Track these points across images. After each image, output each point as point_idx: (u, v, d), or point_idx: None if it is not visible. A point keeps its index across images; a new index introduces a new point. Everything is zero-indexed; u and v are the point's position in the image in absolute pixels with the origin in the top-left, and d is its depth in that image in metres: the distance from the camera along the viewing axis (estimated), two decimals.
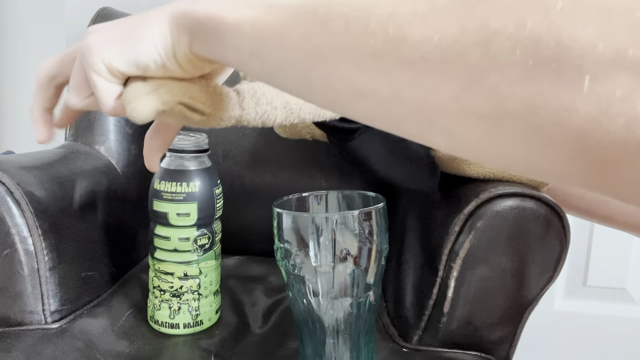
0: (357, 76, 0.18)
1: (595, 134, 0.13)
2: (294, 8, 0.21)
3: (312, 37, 0.20)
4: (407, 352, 0.54)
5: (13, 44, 1.10)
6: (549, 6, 0.13)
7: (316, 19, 0.20)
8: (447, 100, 0.16)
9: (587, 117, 0.13)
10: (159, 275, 0.56)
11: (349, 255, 0.40)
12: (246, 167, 0.81)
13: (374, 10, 0.17)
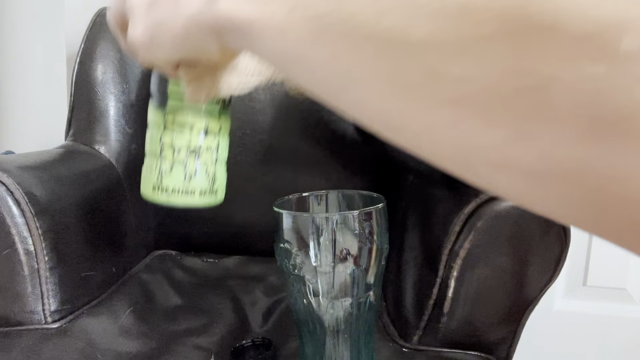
0: (388, 108, 0.17)
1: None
2: (320, 17, 0.18)
3: (342, 59, 0.18)
4: (407, 352, 0.54)
5: (13, 44, 1.10)
6: (613, 51, 0.11)
7: (346, 38, 0.17)
8: (488, 149, 0.14)
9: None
10: (174, 128, 0.45)
11: (349, 255, 0.40)
12: (246, 167, 0.81)
13: (410, 35, 0.15)
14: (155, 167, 0.46)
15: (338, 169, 0.81)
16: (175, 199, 0.46)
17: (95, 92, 0.77)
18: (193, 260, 0.81)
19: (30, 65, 1.09)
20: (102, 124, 0.77)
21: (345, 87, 0.18)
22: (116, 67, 0.79)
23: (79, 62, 0.78)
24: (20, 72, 1.11)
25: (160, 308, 0.64)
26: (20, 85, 1.11)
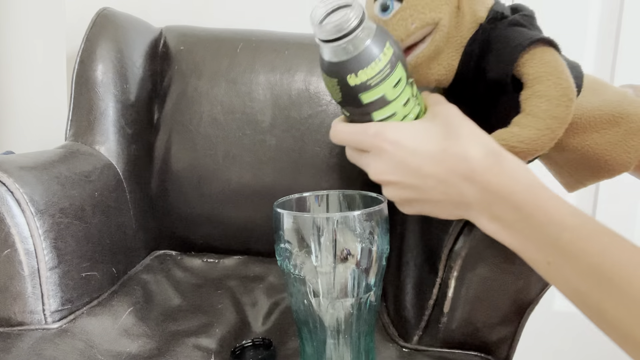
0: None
1: None
2: (583, 262, 0.30)
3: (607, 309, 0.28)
4: (407, 352, 0.54)
5: (13, 44, 1.09)
6: None
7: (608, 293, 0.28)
8: None
9: None
10: None
11: (349, 256, 0.40)
12: (246, 167, 0.81)
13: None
14: None
15: (338, 170, 0.81)
16: None
17: (96, 92, 0.77)
18: (193, 260, 0.81)
19: (30, 65, 1.09)
20: (102, 124, 0.77)
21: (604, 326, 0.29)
22: (116, 67, 0.79)
23: (79, 62, 0.78)
24: (20, 72, 1.10)
25: (160, 308, 0.64)
26: (20, 85, 1.11)
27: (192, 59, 0.85)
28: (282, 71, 0.83)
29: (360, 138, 0.39)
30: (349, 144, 0.41)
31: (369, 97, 0.39)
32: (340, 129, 0.41)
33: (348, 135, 0.40)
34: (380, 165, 0.38)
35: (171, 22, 0.94)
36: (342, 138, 0.41)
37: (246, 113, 0.82)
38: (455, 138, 0.36)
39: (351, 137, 0.40)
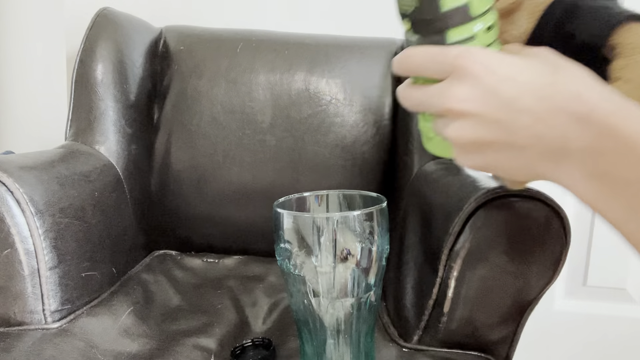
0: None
1: None
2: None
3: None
4: (407, 352, 0.54)
5: (13, 44, 1.09)
6: None
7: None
8: None
9: None
10: None
11: (349, 256, 0.40)
12: (246, 167, 0.81)
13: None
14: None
15: (338, 170, 0.81)
16: None
17: (95, 92, 0.77)
18: (193, 260, 0.81)
19: (30, 65, 1.09)
20: (102, 124, 0.77)
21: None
22: (116, 67, 0.79)
23: (79, 62, 0.78)
24: (20, 72, 1.10)
25: (160, 308, 0.64)
26: (20, 85, 1.11)
27: (192, 59, 0.85)
28: (282, 71, 0.83)
29: (440, 59, 0.30)
30: (423, 69, 0.32)
31: (449, 3, 0.32)
32: (412, 52, 0.32)
33: (423, 57, 0.32)
34: (462, 90, 0.29)
35: (171, 22, 0.94)
36: (414, 62, 0.32)
37: (246, 113, 0.82)
38: (565, 74, 0.28)
39: (427, 59, 0.31)
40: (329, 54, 0.84)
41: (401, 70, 0.34)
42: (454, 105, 0.29)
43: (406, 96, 0.34)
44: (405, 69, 0.33)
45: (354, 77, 0.83)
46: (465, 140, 0.30)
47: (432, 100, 0.31)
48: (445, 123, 0.31)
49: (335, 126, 0.81)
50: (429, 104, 0.32)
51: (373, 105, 0.82)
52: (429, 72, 0.32)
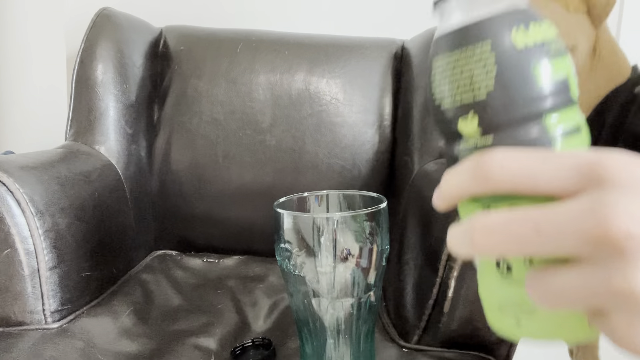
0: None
1: None
2: None
3: None
4: (407, 352, 0.54)
5: (13, 44, 1.09)
6: None
7: None
8: None
9: None
10: None
11: (349, 256, 0.40)
12: (246, 167, 0.81)
13: None
14: None
15: (338, 170, 0.81)
16: None
17: (96, 92, 0.77)
18: (193, 260, 0.81)
19: (30, 65, 1.09)
20: (102, 124, 0.77)
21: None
22: (116, 67, 0.79)
23: (79, 62, 0.78)
24: (20, 72, 1.10)
25: (160, 308, 0.64)
26: (20, 85, 1.11)
27: (192, 59, 0.85)
28: (282, 71, 0.83)
29: (563, 163, 0.18)
30: (528, 182, 0.18)
31: (549, 73, 0.21)
32: (506, 156, 0.19)
33: (526, 163, 0.18)
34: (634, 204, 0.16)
35: (171, 22, 0.94)
36: (509, 173, 0.18)
37: (246, 113, 0.82)
38: None
39: (537, 166, 0.18)
40: (329, 54, 0.84)
41: (479, 187, 0.19)
42: (633, 229, 0.15)
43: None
44: (488, 186, 0.19)
45: (354, 77, 0.83)
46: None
47: (569, 228, 0.16)
48: (615, 267, 0.16)
49: (335, 126, 0.81)
50: (561, 238, 0.17)
51: (373, 105, 0.82)
52: (542, 186, 0.18)
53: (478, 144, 0.22)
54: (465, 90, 0.21)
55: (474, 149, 0.22)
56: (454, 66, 0.22)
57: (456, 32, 0.22)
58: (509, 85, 0.20)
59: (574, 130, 0.21)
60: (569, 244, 0.16)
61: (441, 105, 0.22)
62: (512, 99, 0.20)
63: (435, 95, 0.23)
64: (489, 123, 0.21)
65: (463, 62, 0.21)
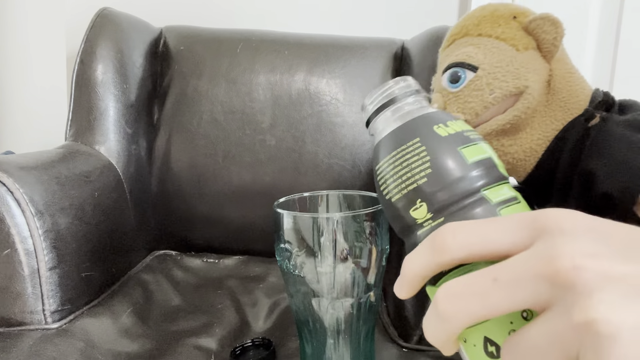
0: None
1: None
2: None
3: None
4: (407, 352, 0.54)
5: (13, 44, 1.09)
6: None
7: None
8: None
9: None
10: None
11: (349, 256, 0.40)
12: (246, 167, 0.81)
13: None
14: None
15: (338, 170, 0.81)
16: None
17: (96, 92, 0.77)
18: (193, 260, 0.81)
19: (30, 65, 1.09)
20: (102, 124, 0.77)
21: None
22: (116, 67, 0.79)
23: (79, 62, 0.78)
24: (20, 72, 1.10)
25: (160, 308, 0.64)
26: (20, 85, 1.11)
27: (192, 59, 0.85)
28: (282, 71, 0.83)
29: (508, 225, 0.20)
30: (482, 247, 0.20)
31: (474, 153, 0.24)
32: (458, 226, 0.20)
33: (477, 232, 0.20)
34: (575, 245, 0.17)
35: (171, 22, 0.94)
36: (469, 238, 0.20)
37: (246, 113, 0.82)
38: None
39: (494, 231, 0.20)
40: (329, 54, 0.84)
41: (438, 259, 0.20)
42: (578, 261, 0.17)
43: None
44: (445, 256, 0.20)
45: (354, 77, 0.83)
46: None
47: (524, 274, 0.18)
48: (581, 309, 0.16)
49: (335, 126, 0.81)
50: (517, 291, 0.18)
51: None
52: (494, 245, 0.19)
53: (433, 227, 0.24)
54: (408, 181, 0.24)
55: (429, 232, 0.23)
56: (395, 165, 0.25)
57: (390, 137, 0.26)
58: (443, 167, 0.24)
59: (513, 200, 0.24)
60: (528, 290, 0.17)
61: (392, 201, 0.25)
62: (450, 179, 0.24)
63: (386, 195, 0.26)
64: (436, 205, 0.24)
65: (402, 159, 0.25)
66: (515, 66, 0.39)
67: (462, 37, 0.43)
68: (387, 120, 0.28)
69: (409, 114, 0.27)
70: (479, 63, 0.39)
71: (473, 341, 0.21)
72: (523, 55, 0.40)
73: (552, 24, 0.40)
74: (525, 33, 0.41)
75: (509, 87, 0.38)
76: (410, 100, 0.28)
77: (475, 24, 0.43)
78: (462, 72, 0.39)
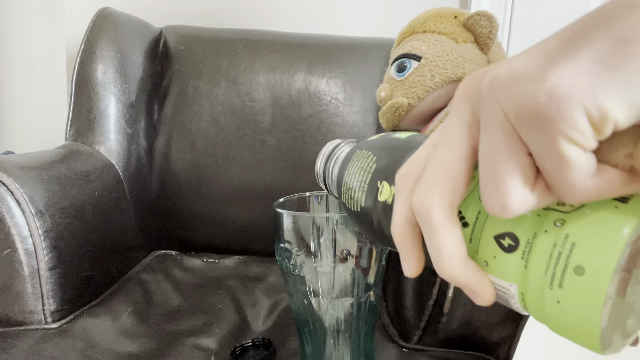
0: None
1: None
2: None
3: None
4: (407, 352, 0.54)
5: (13, 44, 1.09)
6: None
7: None
8: None
9: None
10: None
11: (349, 256, 0.40)
12: (246, 167, 0.81)
13: None
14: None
15: None
16: None
17: (96, 92, 0.77)
18: (193, 260, 0.81)
19: (30, 65, 1.09)
20: (102, 124, 0.77)
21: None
22: (116, 67, 0.79)
23: (79, 62, 0.78)
24: (20, 72, 1.11)
25: (160, 308, 0.64)
26: (20, 85, 1.11)
27: (192, 59, 0.85)
28: (282, 71, 0.83)
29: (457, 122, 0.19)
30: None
31: (399, 134, 0.29)
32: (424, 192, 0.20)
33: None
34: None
35: (171, 22, 0.94)
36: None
37: (246, 113, 0.82)
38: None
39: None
40: (329, 54, 0.84)
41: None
42: (491, 74, 0.17)
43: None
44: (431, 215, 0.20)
45: (354, 77, 0.83)
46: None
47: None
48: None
49: (335, 126, 0.81)
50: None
51: (373, 105, 0.82)
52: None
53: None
54: (365, 173, 0.28)
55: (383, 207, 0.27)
56: (351, 174, 0.29)
57: (349, 154, 0.31)
58: (383, 147, 0.28)
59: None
60: (458, 126, 0.19)
61: (363, 205, 0.28)
62: (390, 148, 0.27)
63: (356, 203, 0.29)
64: (393, 175, 0.26)
65: (354, 166, 0.29)
66: (455, 56, 0.44)
67: (409, 35, 0.50)
68: (337, 160, 0.34)
69: (349, 146, 0.33)
70: (423, 53, 0.45)
71: (486, 254, 0.20)
72: (462, 48, 0.45)
73: (487, 19, 0.45)
74: (465, 29, 0.47)
75: (448, 74, 0.43)
76: (343, 147, 0.34)
77: (421, 23, 0.50)
78: (407, 62, 0.45)
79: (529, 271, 0.18)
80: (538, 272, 0.18)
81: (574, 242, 0.17)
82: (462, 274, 0.20)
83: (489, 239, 0.20)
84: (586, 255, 0.17)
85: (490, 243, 0.20)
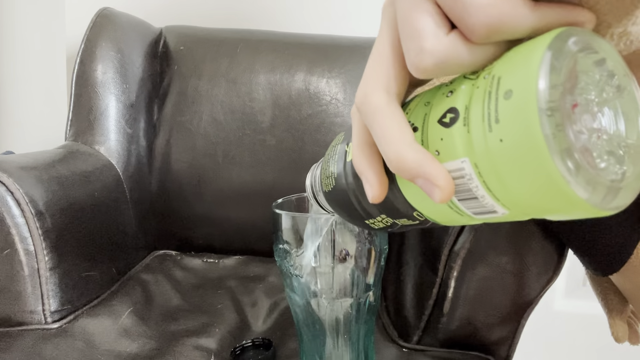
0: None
1: None
2: None
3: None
4: (407, 352, 0.54)
5: (13, 44, 1.10)
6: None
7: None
8: None
9: None
10: None
11: (348, 256, 0.40)
12: (246, 167, 0.81)
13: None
14: None
15: None
16: None
17: (96, 92, 0.77)
18: (193, 260, 0.81)
19: (31, 65, 1.09)
20: (102, 124, 0.77)
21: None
22: (116, 67, 0.79)
23: (79, 62, 0.78)
24: (20, 72, 1.11)
25: (160, 308, 0.64)
26: (20, 85, 1.11)
27: (192, 59, 0.85)
28: (282, 71, 0.83)
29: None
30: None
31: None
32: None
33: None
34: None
35: (171, 22, 0.94)
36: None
37: (246, 113, 0.82)
38: None
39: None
40: (329, 54, 0.84)
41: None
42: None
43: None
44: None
45: (354, 77, 0.83)
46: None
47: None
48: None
49: (335, 126, 0.81)
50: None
51: None
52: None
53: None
54: (334, 146, 0.28)
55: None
56: (327, 155, 0.29)
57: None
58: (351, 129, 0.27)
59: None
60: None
61: (332, 171, 0.28)
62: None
63: (329, 177, 0.28)
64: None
65: (330, 149, 0.29)
66: None
67: None
68: (317, 164, 0.34)
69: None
70: None
71: (435, 142, 0.20)
72: None
73: None
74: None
75: None
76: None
77: None
78: None
79: (471, 131, 0.17)
80: (477, 125, 0.17)
81: (499, 77, 0.16)
82: (411, 155, 0.19)
83: (435, 126, 0.19)
84: (511, 77, 0.16)
85: (436, 129, 0.19)
